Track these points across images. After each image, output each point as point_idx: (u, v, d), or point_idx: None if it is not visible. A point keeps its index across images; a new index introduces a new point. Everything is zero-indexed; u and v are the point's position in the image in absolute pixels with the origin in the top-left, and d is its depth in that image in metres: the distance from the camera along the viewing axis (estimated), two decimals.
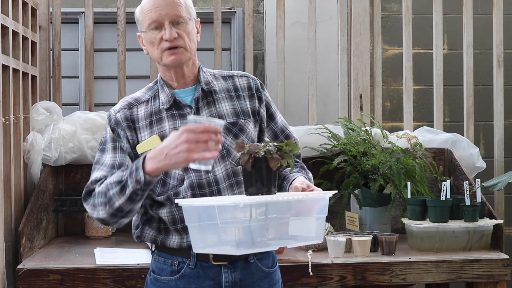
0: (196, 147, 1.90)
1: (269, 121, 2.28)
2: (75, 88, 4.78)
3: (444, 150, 3.60)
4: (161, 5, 2.13)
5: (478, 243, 3.03)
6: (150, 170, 1.96)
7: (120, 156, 2.14)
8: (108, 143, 2.17)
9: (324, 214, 2.03)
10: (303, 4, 4.33)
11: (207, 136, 1.90)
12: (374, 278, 2.85)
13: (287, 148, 1.98)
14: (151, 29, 2.14)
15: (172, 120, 2.16)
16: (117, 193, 2.02)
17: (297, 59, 4.54)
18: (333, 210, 3.38)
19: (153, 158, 1.96)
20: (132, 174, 1.99)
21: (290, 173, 2.21)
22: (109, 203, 2.04)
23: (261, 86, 2.28)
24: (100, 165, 2.14)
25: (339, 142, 3.39)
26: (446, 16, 4.44)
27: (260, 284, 2.18)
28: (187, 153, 1.90)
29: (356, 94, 3.87)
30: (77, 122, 3.42)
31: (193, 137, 1.90)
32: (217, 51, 3.86)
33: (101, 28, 4.69)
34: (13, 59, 3.08)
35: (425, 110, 4.72)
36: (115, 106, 2.23)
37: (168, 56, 2.14)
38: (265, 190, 1.95)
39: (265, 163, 1.95)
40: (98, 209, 2.07)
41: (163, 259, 2.18)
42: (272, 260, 2.25)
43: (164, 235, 2.17)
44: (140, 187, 1.98)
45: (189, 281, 2.14)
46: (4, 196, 2.89)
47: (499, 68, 3.90)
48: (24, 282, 2.73)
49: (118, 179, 2.03)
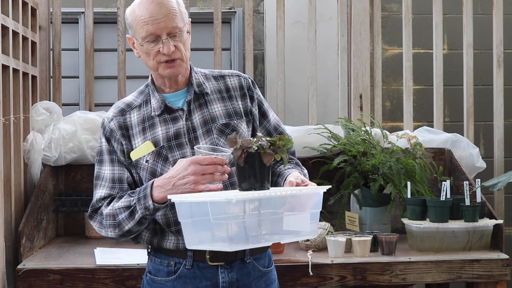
0: (202, 178, 1.97)
1: (261, 119, 2.28)
2: (75, 88, 4.78)
3: (444, 150, 3.60)
4: (158, 18, 2.09)
5: (478, 243, 3.03)
6: (158, 199, 2.03)
7: (118, 169, 2.18)
8: (105, 154, 2.20)
9: (318, 209, 2.02)
10: (303, 4, 4.33)
11: (213, 168, 1.97)
12: (374, 278, 2.85)
13: (280, 143, 1.97)
14: (146, 41, 2.11)
15: (164, 125, 2.17)
16: (126, 218, 2.09)
17: (297, 59, 4.54)
18: (333, 210, 3.39)
19: (160, 187, 2.02)
20: (140, 201, 2.06)
21: (284, 167, 2.21)
22: (118, 227, 2.11)
23: (253, 85, 2.28)
24: (101, 180, 2.19)
25: (339, 142, 3.39)
26: (446, 16, 4.44)
27: (257, 284, 2.18)
28: (194, 185, 1.97)
29: (356, 94, 3.87)
30: (77, 122, 3.42)
31: (199, 169, 1.96)
32: (217, 51, 3.86)
33: (101, 28, 4.69)
34: (13, 59, 3.08)
35: (425, 110, 4.72)
36: (108, 113, 2.23)
37: (165, 68, 2.14)
38: (258, 186, 1.95)
39: (258, 158, 1.94)
40: (107, 230, 2.14)
41: (160, 260, 2.18)
42: (269, 260, 2.25)
43: (160, 236, 2.18)
44: (149, 213, 2.06)
45: (186, 282, 2.14)
46: (4, 196, 2.89)
47: (499, 68, 3.90)
48: (24, 282, 2.73)
49: (126, 204, 2.09)
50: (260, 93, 2.30)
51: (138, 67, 4.56)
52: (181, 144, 2.14)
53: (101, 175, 2.19)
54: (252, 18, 3.91)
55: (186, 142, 2.14)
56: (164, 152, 2.14)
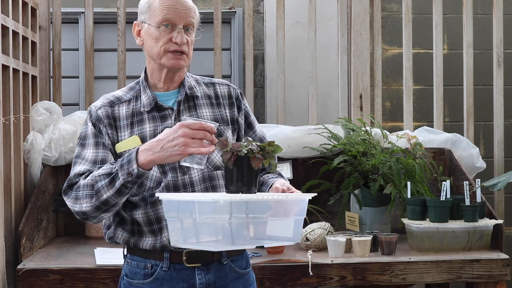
0: (192, 142, 1.94)
1: (247, 129, 2.31)
2: (75, 88, 4.78)
3: (444, 150, 3.60)
4: (180, 8, 2.15)
5: (478, 243, 3.03)
6: (144, 162, 1.97)
7: (102, 151, 2.13)
8: (90, 138, 2.16)
9: (302, 216, 2.03)
10: (303, 4, 4.33)
11: (203, 133, 1.95)
12: (374, 278, 2.85)
13: (269, 149, 1.99)
14: (162, 26, 2.14)
15: (153, 122, 2.16)
16: (106, 185, 2.01)
17: (297, 59, 4.54)
18: (333, 210, 3.39)
19: (147, 150, 1.97)
20: (123, 167, 1.99)
21: (268, 176, 2.23)
22: (96, 195, 2.03)
23: (241, 96, 2.31)
24: (81, 159, 2.13)
25: (339, 142, 3.39)
26: (446, 16, 4.44)
27: (234, 286, 2.18)
28: (184, 147, 1.93)
29: (356, 94, 3.87)
30: (77, 122, 3.42)
31: (190, 132, 1.94)
32: (217, 51, 3.86)
33: (101, 28, 4.69)
34: (13, 59, 3.08)
35: (425, 110, 4.72)
36: (96, 102, 2.21)
37: (170, 58, 2.15)
38: (245, 189, 1.96)
39: (247, 162, 1.95)
40: (82, 202, 2.05)
41: (136, 262, 2.17)
42: (246, 262, 2.25)
43: (137, 237, 2.16)
44: (131, 179, 1.99)
45: (163, 284, 2.13)
46: (4, 196, 2.90)
47: (499, 68, 3.90)
48: (24, 282, 2.73)
49: (107, 171, 2.03)
50: (247, 105, 2.33)
51: (138, 67, 4.57)
52: None
53: (82, 155, 2.14)
54: (252, 18, 3.91)
55: None
56: None
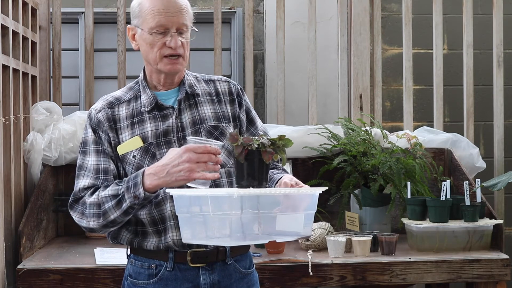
0: (197, 166, 1.95)
1: (249, 125, 2.30)
2: (75, 88, 4.78)
3: (444, 150, 3.60)
4: (172, 11, 2.11)
5: (478, 243, 3.03)
6: (150, 187, 2.00)
7: (104, 160, 2.14)
8: (90, 145, 2.16)
9: (313, 210, 2.05)
10: (303, 4, 4.33)
11: (208, 157, 1.96)
12: (374, 278, 2.85)
13: (280, 143, 1.99)
14: (154, 32, 2.12)
15: (154, 122, 2.16)
16: (113, 207, 2.04)
17: (297, 59, 4.54)
18: (333, 210, 3.39)
19: (153, 175, 1.99)
20: (130, 189, 2.02)
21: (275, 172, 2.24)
22: (103, 216, 2.06)
23: (242, 92, 2.30)
24: (84, 170, 2.14)
25: (339, 142, 3.39)
26: (446, 16, 4.44)
27: (238, 286, 2.18)
28: (189, 173, 1.95)
29: (356, 94, 3.87)
30: (77, 122, 3.42)
31: (195, 156, 1.95)
32: (217, 51, 3.86)
33: (101, 28, 4.69)
34: (13, 59, 3.08)
35: (425, 110, 4.72)
36: (95, 105, 2.21)
37: (166, 64, 2.14)
38: (256, 184, 1.97)
39: (258, 156, 1.96)
40: (89, 220, 2.08)
41: (140, 262, 2.16)
42: (249, 262, 2.25)
43: (141, 238, 2.15)
44: (138, 202, 2.02)
45: (167, 284, 2.12)
46: (4, 196, 2.90)
47: (499, 68, 3.90)
48: (24, 282, 2.73)
49: (114, 192, 2.05)
50: (248, 101, 2.33)
51: (138, 67, 4.56)
52: (169, 141, 2.14)
53: (84, 165, 2.14)
54: (252, 18, 3.91)
55: (174, 140, 2.14)
56: (152, 148, 2.13)
